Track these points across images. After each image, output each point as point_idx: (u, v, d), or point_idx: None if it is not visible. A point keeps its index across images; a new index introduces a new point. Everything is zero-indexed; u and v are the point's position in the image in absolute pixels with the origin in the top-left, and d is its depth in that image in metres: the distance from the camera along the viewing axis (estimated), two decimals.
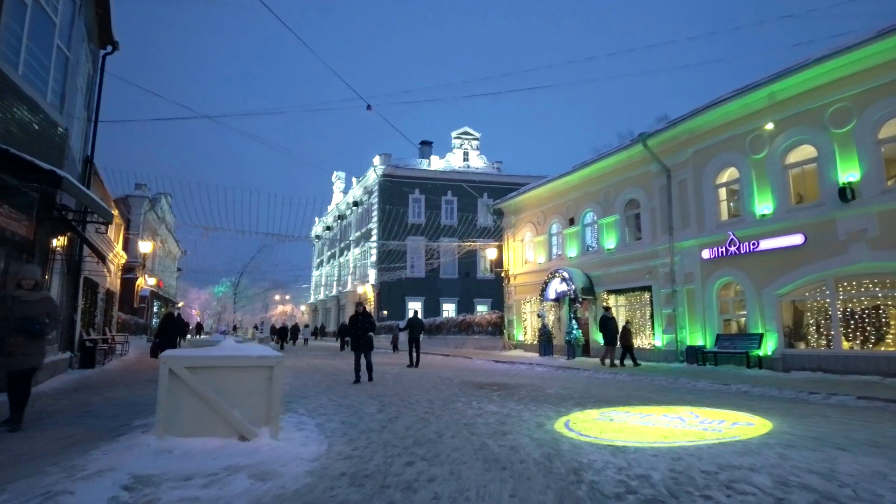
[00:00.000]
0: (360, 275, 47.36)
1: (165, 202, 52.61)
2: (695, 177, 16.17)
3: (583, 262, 20.61)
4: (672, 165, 16.83)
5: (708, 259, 15.41)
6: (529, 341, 23.58)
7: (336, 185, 60.29)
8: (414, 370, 15.20)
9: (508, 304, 25.45)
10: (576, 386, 11.31)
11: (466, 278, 44.01)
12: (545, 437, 5.85)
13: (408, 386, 11.10)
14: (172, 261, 63.33)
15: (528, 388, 10.84)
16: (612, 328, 15.92)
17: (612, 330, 15.91)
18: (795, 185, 13.87)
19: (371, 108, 14.15)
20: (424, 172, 44.08)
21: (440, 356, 23.08)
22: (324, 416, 7.26)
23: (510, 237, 25.65)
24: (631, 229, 18.97)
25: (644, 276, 17.74)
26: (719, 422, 6.75)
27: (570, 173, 20.84)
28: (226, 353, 5.21)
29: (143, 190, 39.06)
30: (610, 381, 12.62)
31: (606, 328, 15.93)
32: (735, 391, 10.49)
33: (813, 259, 12.76)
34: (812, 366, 12.61)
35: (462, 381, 12.05)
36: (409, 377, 13.09)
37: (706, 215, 15.73)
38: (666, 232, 16.87)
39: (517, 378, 13.12)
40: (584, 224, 20.98)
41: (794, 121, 13.40)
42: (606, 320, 16.02)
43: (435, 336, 32.85)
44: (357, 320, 11.81)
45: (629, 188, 18.71)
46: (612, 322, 16.09)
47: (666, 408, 8.04)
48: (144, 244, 22.80)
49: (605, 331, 15.96)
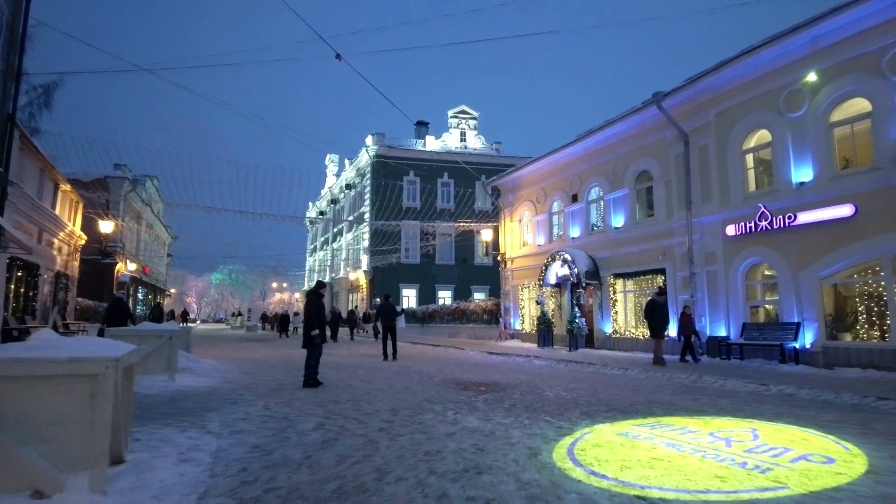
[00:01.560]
0: (352, 260, 45.37)
1: (152, 185, 50.59)
2: (718, 142, 14.05)
3: (587, 242, 18.54)
4: (691, 130, 14.69)
5: (733, 236, 13.34)
6: (527, 330, 21.62)
7: (329, 169, 58.18)
8: (391, 364, 13.22)
9: (505, 290, 23.43)
10: (580, 386, 9.31)
11: (464, 264, 42.01)
12: (541, 478, 3.85)
13: (376, 386, 9.11)
14: (162, 246, 61.44)
15: (524, 388, 8.84)
16: (663, 317, 12.83)
17: (663, 319, 12.82)
18: (842, 147, 11.74)
19: (340, 57, 12.07)
20: (419, 153, 41.88)
21: (430, 346, 21.14)
22: (236, 435, 5.27)
23: (507, 217, 23.56)
24: (642, 205, 16.86)
25: (657, 258, 15.68)
26: (784, 449, 4.73)
27: (574, 143, 18.68)
28: (12, 355, 3.17)
29: (122, 170, 37.01)
30: (620, 378, 10.62)
31: (656, 316, 12.61)
32: (776, 393, 8.50)
33: (865, 235, 10.67)
34: (861, 361, 10.60)
35: (445, 380, 10.05)
36: (384, 374, 11.11)
37: (731, 186, 13.63)
38: (683, 207, 14.78)
39: (511, 374, 11.12)
40: (590, 200, 18.88)
41: (842, 69, 11.25)
42: (656, 306, 12.68)
43: (428, 325, 30.93)
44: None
45: (641, 158, 16.58)
46: (664, 309, 13.02)
47: (702, 420, 6.04)
48: (106, 224, 20.76)
49: (656, 319, 12.61)
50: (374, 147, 41.30)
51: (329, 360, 13.85)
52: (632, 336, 16.44)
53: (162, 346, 9.25)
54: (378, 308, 15.45)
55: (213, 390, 8.44)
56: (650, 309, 12.80)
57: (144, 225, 48.12)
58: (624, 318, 16.95)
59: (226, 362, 13.46)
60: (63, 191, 17.71)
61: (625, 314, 16.94)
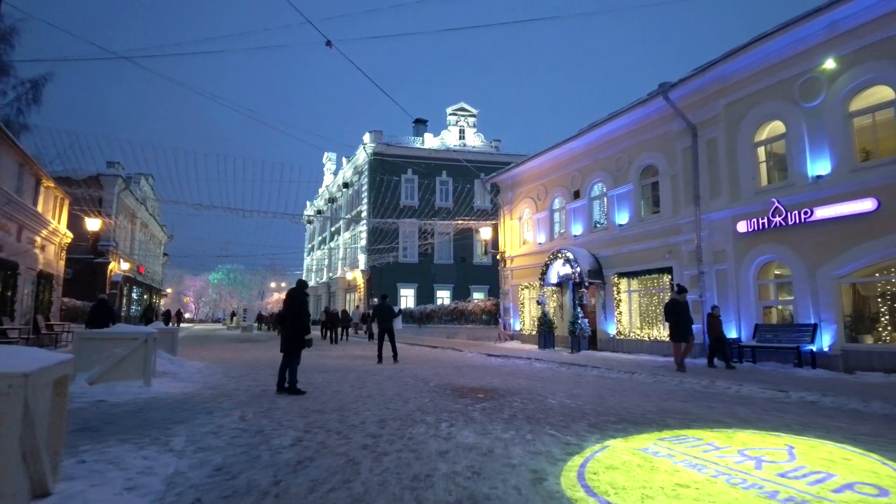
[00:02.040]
0: (350, 260, 44.71)
1: (146, 183, 49.95)
2: (727, 135, 13.42)
3: (590, 240, 17.91)
4: (699, 122, 14.06)
5: (745, 233, 12.71)
6: (528, 331, 20.99)
7: (327, 167, 57.48)
8: (385, 367, 12.59)
9: (504, 289, 22.79)
10: (586, 392, 8.68)
11: (462, 263, 41.36)
12: None
13: (366, 392, 8.47)
14: (157, 245, 60.76)
15: (525, 395, 8.21)
16: (686, 317, 11.61)
17: (686, 319, 11.60)
18: (861, 138, 11.10)
19: (331, 44, 11.43)
20: (418, 151, 41.24)
21: (427, 348, 20.51)
22: (201, 454, 4.63)
23: (507, 215, 22.92)
24: (647, 201, 16.24)
25: (663, 256, 15.05)
26: (825, 475, 4.09)
27: (577, 137, 18.05)
28: None
29: (116, 168, 36.37)
30: (627, 383, 9.99)
31: (679, 316, 11.49)
32: (798, 401, 7.87)
33: (888, 230, 10.05)
34: (884, 365, 9.97)
35: (440, 385, 9.42)
36: (375, 378, 10.48)
37: (742, 181, 13.01)
38: (691, 202, 14.15)
39: (511, 378, 10.49)
40: (592, 197, 18.25)
41: (862, 56, 10.62)
42: (677, 305, 11.56)
43: (426, 325, 30.29)
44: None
45: (646, 153, 15.95)
46: (686, 308, 11.77)
47: (725, 434, 5.41)
48: (92, 221, 20.11)
49: (678, 319, 11.47)
50: (372, 145, 40.65)
51: (321, 363, 13.22)
52: (636, 338, 15.81)
53: (137, 349, 8.62)
54: (374, 308, 14.86)
55: (189, 398, 7.80)
56: (671, 309, 11.62)
57: (139, 223, 47.44)
58: (628, 319, 16.32)
59: (212, 364, 12.84)
60: (46, 187, 17.07)
61: (629, 314, 16.31)
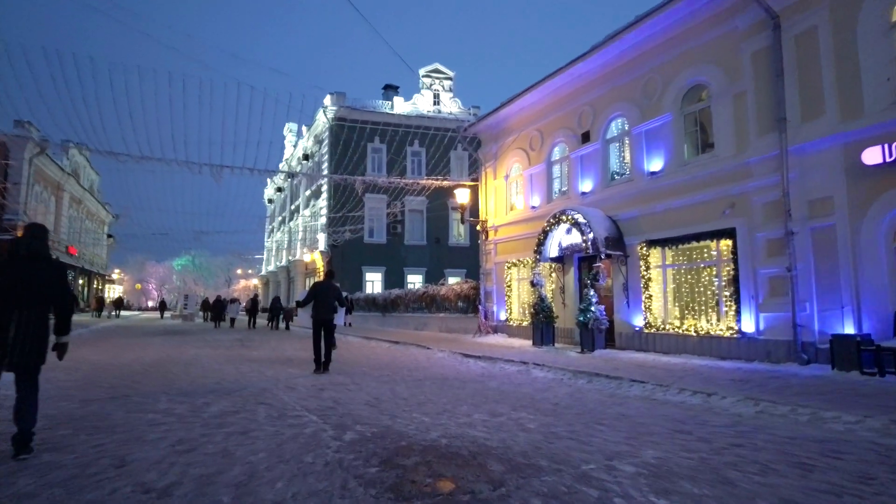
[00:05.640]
0: (309, 241, 39.41)
1: (79, 154, 43.72)
2: (836, 19, 8.71)
3: (605, 198, 13.14)
4: (784, 8, 9.34)
5: (872, 166, 8.05)
6: (516, 322, 16.22)
7: (288, 140, 51.91)
8: (312, 380, 7.59)
9: (486, 269, 17.94)
10: (665, 445, 3.78)
11: (437, 245, 36.47)
12: None
13: (235, 444, 3.48)
14: (99, 226, 54.49)
15: (547, 475, 3.29)
16: None
17: None
18: None
19: None
20: (386, 117, 36.06)
21: (386, 344, 15.60)
22: None
23: (490, 173, 18.00)
24: (692, 137, 11.49)
25: (720, 214, 10.33)
26: None
27: (585, 57, 13.11)
28: None
29: (26, 129, 30.33)
30: (715, 419, 5.18)
31: None
32: None
33: None
34: None
35: (360, 440, 4.49)
36: (232, 421, 5.51)
37: (864, 87, 8.32)
38: (769, 130, 9.46)
39: (505, 407, 5.58)
40: (608, 139, 13.44)
41: None
42: None
43: (390, 314, 25.35)
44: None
45: (691, 68, 11.17)
46: None
47: None
48: None
49: None
50: (334, 108, 35.30)
51: (212, 373, 8.13)
52: (676, 331, 11.12)
53: None
54: (312, 288, 9.64)
55: None
56: None
57: (67, 198, 41.33)
58: (662, 306, 11.60)
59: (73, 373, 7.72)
60: None
61: (664, 299, 11.60)
